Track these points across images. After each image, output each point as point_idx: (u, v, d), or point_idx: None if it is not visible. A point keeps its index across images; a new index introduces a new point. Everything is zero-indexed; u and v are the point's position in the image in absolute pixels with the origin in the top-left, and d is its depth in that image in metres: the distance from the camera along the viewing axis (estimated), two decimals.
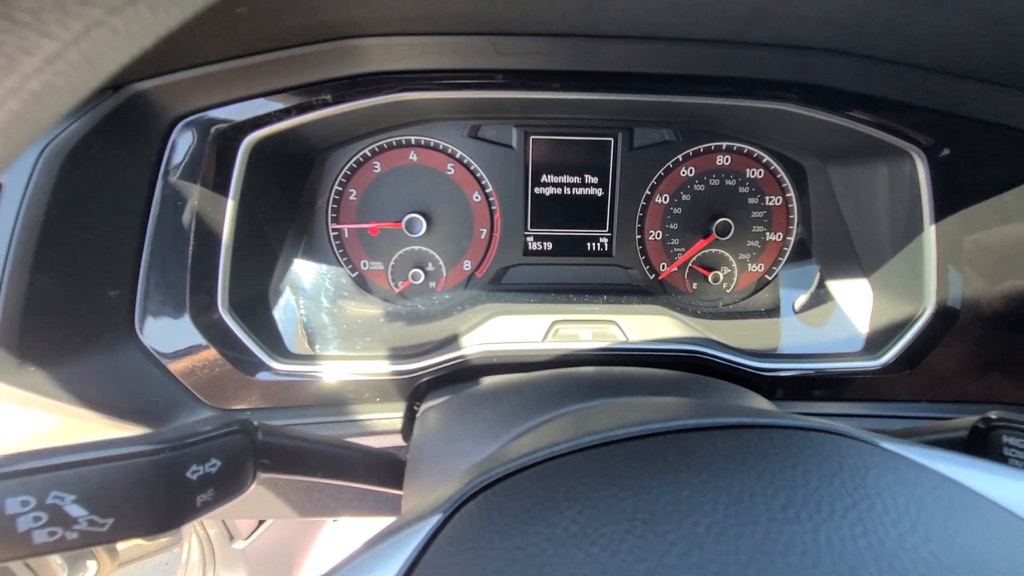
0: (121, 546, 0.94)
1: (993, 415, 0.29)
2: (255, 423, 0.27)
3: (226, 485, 0.25)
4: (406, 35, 0.33)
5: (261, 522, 1.00)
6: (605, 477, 0.19)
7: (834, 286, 0.47)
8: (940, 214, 0.38)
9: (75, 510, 0.22)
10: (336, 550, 1.11)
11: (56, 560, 0.88)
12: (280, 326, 0.40)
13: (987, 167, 0.37)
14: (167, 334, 0.35)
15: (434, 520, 0.18)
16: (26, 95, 0.09)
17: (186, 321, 0.35)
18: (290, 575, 1.04)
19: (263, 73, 0.33)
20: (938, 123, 0.37)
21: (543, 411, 0.28)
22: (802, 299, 0.47)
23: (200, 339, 0.36)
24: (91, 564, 0.94)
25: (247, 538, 0.99)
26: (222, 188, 0.35)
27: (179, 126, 0.34)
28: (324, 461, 0.30)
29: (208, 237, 0.35)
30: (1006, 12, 0.31)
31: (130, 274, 0.34)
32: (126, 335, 0.34)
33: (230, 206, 0.36)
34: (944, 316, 0.39)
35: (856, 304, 0.45)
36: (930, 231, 0.39)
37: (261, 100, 0.34)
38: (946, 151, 0.37)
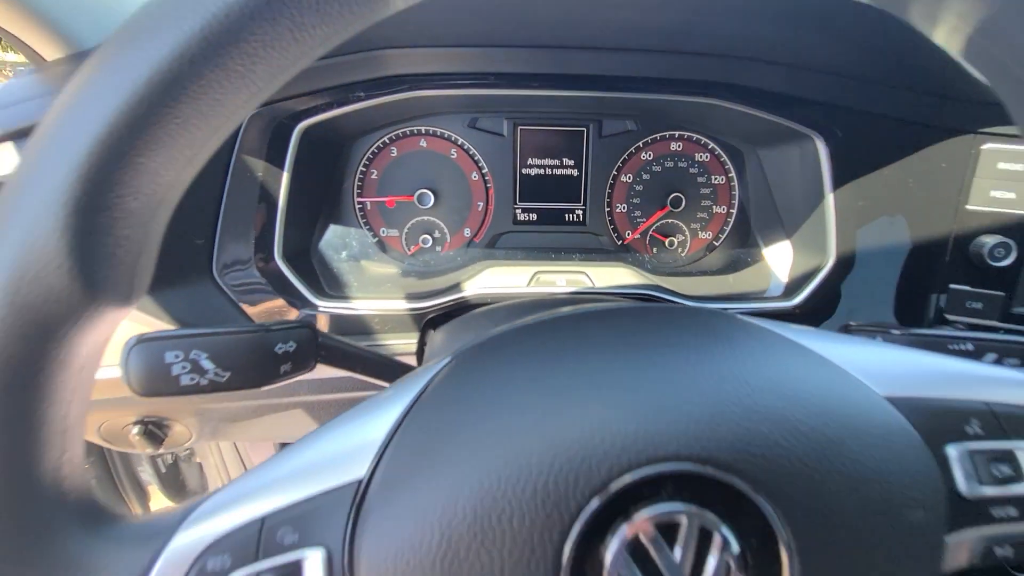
0: None
1: (852, 324, 0.39)
2: (316, 327, 0.37)
3: (298, 362, 0.35)
4: (420, 47, 0.44)
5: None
6: (541, 344, 0.27)
7: (765, 248, 0.57)
8: (837, 185, 0.49)
9: (207, 364, 0.32)
10: None
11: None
12: (320, 274, 0.51)
13: (871, 147, 0.48)
14: (236, 276, 0.46)
15: (441, 364, 0.28)
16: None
17: (251, 266, 0.46)
18: None
19: (313, 75, 0.44)
20: (832, 113, 0.48)
21: (517, 315, 0.38)
22: (741, 259, 0.58)
23: (261, 280, 0.46)
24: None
25: None
26: (279, 164, 0.46)
27: (250, 115, 0.45)
28: (362, 361, 0.40)
29: (268, 202, 0.46)
30: (863, 36, 0.41)
31: (211, 228, 0.45)
32: (207, 275, 0.45)
33: (285, 178, 0.47)
34: (842, 264, 0.50)
35: (780, 260, 0.55)
36: (830, 199, 0.49)
37: (310, 96, 0.45)
38: (839, 135, 0.48)
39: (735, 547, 0.20)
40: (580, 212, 0.59)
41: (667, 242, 0.60)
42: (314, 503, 0.22)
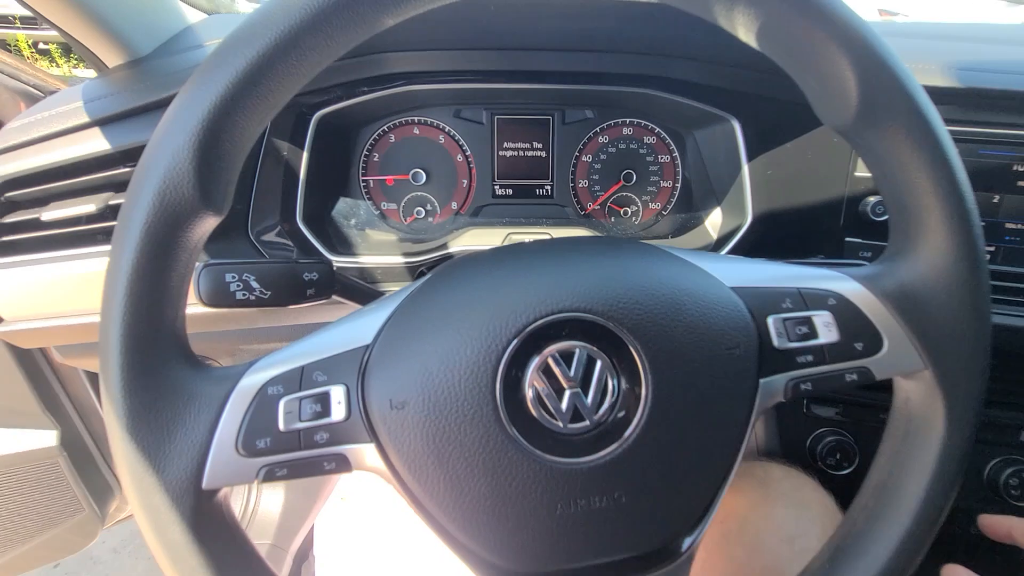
0: None
1: None
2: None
3: (320, 289, 0.46)
4: (413, 50, 0.55)
5: None
6: (490, 258, 0.38)
7: (704, 213, 0.69)
8: (750, 158, 0.60)
9: (254, 284, 0.43)
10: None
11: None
12: (332, 237, 0.63)
13: (776, 127, 0.59)
14: (267, 235, 0.57)
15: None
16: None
17: (278, 227, 0.57)
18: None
19: (326, 73, 0.55)
20: (743, 99, 0.59)
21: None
22: (685, 224, 0.69)
23: (286, 239, 0.58)
24: None
25: None
26: (300, 145, 0.58)
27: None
28: (369, 295, 0.52)
29: (291, 176, 0.58)
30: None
31: (247, 197, 0.56)
32: (244, 234, 0.56)
33: (305, 157, 0.58)
34: (758, 223, 0.61)
35: (713, 224, 0.66)
36: (745, 170, 0.60)
37: (324, 90, 0.56)
38: (750, 118, 0.59)
39: (612, 368, 0.31)
40: (548, 187, 0.71)
41: (622, 211, 0.71)
42: (338, 358, 0.34)
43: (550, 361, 0.32)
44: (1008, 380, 0.65)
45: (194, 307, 0.37)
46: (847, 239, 0.61)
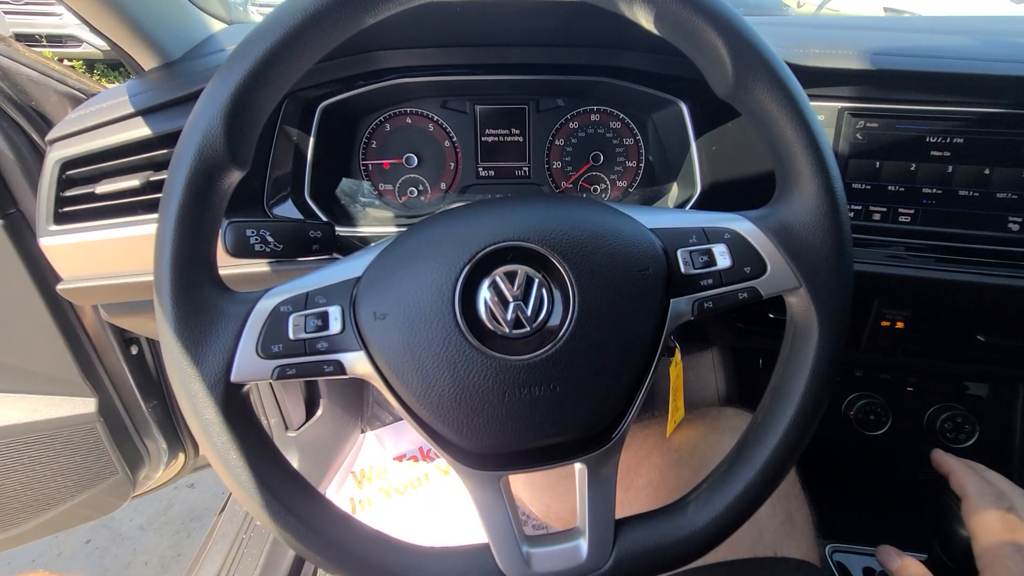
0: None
1: None
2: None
3: (324, 245, 0.56)
4: (402, 48, 0.65)
5: (309, 418, 1.30)
6: (457, 210, 0.48)
7: (664, 189, 0.77)
8: (697, 136, 0.68)
9: (269, 238, 0.53)
10: (372, 454, 1.40)
11: (161, 445, 1.20)
12: (336, 212, 0.72)
13: (716, 108, 0.68)
14: (279, 208, 0.67)
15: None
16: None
17: (289, 201, 0.67)
18: (332, 459, 1.34)
19: (328, 69, 0.65)
20: (687, 85, 0.68)
21: None
22: (650, 199, 0.78)
23: (296, 211, 0.68)
24: (181, 456, 1.26)
25: (298, 429, 1.29)
26: (308, 131, 0.67)
27: (289, 97, 0.66)
28: None
29: (301, 157, 0.68)
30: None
31: (263, 174, 0.66)
32: (260, 207, 0.66)
33: (312, 141, 0.68)
34: (705, 193, 0.69)
35: (671, 196, 0.75)
36: (693, 147, 0.69)
37: (327, 84, 0.66)
38: (694, 100, 0.68)
39: (547, 285, 0.40)
40: (526, 168, 0.80)
41: (592, 189, 0.80)
42: (335, 286, 0.43)
43: (498, 279, 0.40)
44: (939, 332, 0.73)
45: (222, 269, 0.46)
46: None
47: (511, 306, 0.40)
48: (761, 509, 0.50)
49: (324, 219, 0.69)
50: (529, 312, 0.40)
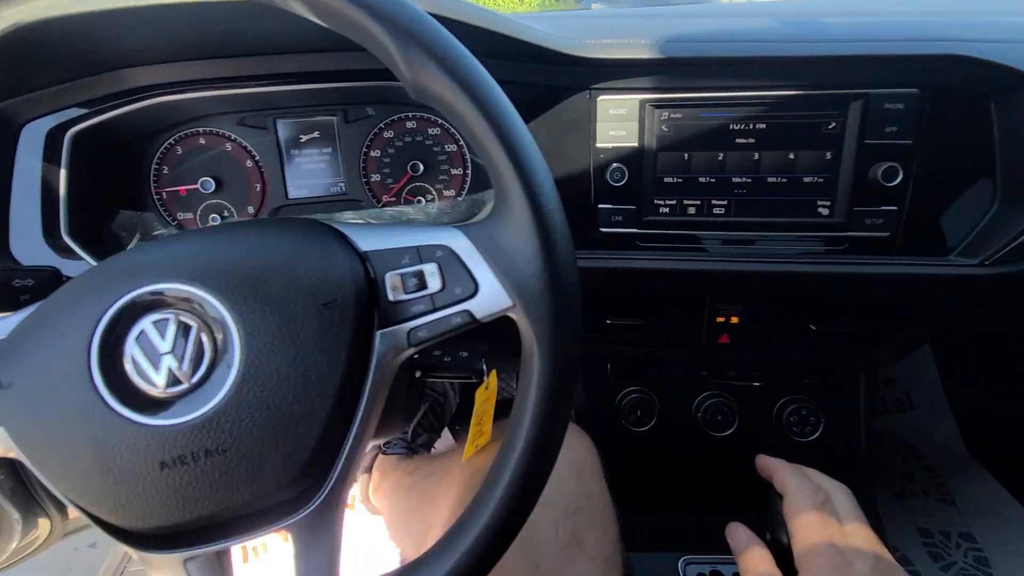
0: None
1: None
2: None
3: (36, 295, 0.48)
4: (150, 64, 0.58)
5: None
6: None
7: (488, 196, 0.72)
8: None
9: None
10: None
11: (14, 515, 1.09)
12: (112, 248, 0.65)
13: (524, 108, 0.63)
14: (29, 251, 0.59)
15: None
16: None
17: (40, 242, 0.59)
18: None
19: (70, 92, 0.58)
20: None
21: None
22: (479, 206, 0.73)
23: (52, 253, 0.60)
24: (42, 522, 1.14)
25: None
26: (56, 163, 0.60)
27: (26, 127, 0.58)
28: None
29: (51, 192, 0.60)
30: None
31: (3, 216, 0.58)
32: (4, 252, 0.58)
33: (63, 174, 0.60)
34: None
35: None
36: None
37: (64, 110, 0.58)
38: None
39: (207, 330, 0.34)
40: (341, 184, 0.74)
41: (418, 200, 0.75)
42: None
43: (146, 330, 0.34)
44: (774, 325, 0.70)
45: None
46: (600, 206, 0.65)
47: (163, 360, 0.34)
48: (539, 533, 0.44)
49: (87, 257, 0.61)
50: (184, 366, 0.34)
